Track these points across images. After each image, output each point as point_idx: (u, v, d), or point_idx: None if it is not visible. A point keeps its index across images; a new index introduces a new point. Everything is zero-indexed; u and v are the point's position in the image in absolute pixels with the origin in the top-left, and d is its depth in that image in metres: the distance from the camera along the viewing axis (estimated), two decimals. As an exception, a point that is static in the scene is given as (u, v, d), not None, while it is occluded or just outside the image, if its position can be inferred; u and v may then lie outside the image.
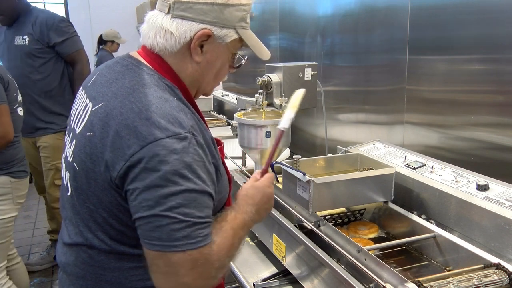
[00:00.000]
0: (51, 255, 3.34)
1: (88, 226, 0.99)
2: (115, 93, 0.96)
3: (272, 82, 1.82)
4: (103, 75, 1.04)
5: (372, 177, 1.43)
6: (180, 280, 0.88)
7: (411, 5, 1.73)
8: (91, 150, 0.94)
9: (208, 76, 1.06)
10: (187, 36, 0.99)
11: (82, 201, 0.99)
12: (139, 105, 0.91)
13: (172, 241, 0.86)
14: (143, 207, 0.87)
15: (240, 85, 3.76)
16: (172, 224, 0.86)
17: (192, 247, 0.87)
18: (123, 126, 0.90)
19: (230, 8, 1.01)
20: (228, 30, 1.02)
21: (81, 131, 0.99)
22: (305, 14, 2.55)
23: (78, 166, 0.98)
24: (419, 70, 1.74)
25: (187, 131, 0.90)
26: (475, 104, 1.53)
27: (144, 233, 0.89)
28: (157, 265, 0.89)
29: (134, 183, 0.88)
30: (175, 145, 0.88)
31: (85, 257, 1.02)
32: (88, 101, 1.02)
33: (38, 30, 2.84)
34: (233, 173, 1.84)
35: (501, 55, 1.41)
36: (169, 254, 0.86)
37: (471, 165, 1.48)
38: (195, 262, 0.88)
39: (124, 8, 5.72)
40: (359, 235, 1.42)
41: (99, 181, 0.94)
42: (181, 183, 0.87)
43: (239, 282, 1.47)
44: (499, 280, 1.01)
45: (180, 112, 0.93)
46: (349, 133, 2.24)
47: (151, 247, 0.88)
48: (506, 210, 1.16)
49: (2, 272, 2.25)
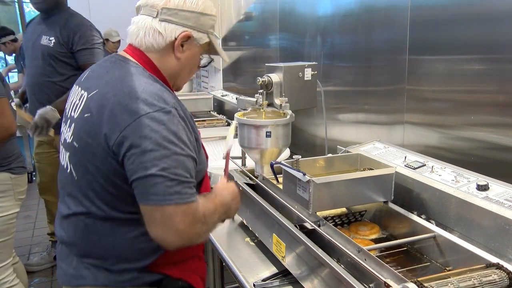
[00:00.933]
0: (51, 255, 3.34)
1: (87, 195, 1.16)
2: (107, 81, 1.15)
3: (273, 82, 1.82)
4: (94, 71, 1.26)
5: (372, 177, 1.42)
6: (175, 227, 1.05)
7: (411, 5, 1.73)
8: (89, 128, 1.12)
9: (184, 71, 1.27)
10: (172, 36, 1.20)
11: (81, 174, 1.16)
12: (129, 88, 1.10)
13: (166, 195, 1.03)
14: (140, 168, 1.04)
15: (240, 85, 3.76)
16: (165, 182, 1.04)
17: (182, 201, 1.05)
18: (117, 105, 1.08)
19: (205, 17, 1.23)
20: (203, 34, 1.24)
21: (79, 115, 1.17)
22: (305, 14, 2.55)
23: (77, 144, 1.15)
24: (419, 70, 1.74)
25: (171, 106, 1.10)
26: (475, 104, 1.53)
27: (142, 191, 1.05)
28: (154, 217, 1.06)
29: (130, 150, 1.05)
30: (162, 117, 1.07)
31: (82, 226, 1.19)
32: (83, 91, 1.20)
33: (66, 34, 2.82)
34: (233, 173, 1.84)
35: (501, 55, 1.41)
36: (164, 207, 1.04)
37: (471, 165, 1.48)
38: (185, 213, 1.06)
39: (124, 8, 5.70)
40: (360, 236, 1.42)
41: (97, 153, 1.10)
42: (170, 147, 1.05)
43: (239, 282, 1.47)
44: (499, 280, 1.01)
45: (164, 92, 1.13)
46: (349, 133, 2.24)
47: (149, 201, 1.05)
48: (506, 210, 1.16)
49: (9, 269, 2.26)
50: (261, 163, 1.80)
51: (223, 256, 1.60)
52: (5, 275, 2.23)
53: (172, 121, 1.08)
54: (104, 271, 1.19)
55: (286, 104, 1.81)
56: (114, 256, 1.19)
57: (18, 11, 8.13)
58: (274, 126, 1.73)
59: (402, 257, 1.31)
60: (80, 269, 1.21)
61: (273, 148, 1.76)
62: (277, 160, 1.76)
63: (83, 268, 1.21)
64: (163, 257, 1.19)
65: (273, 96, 1.83)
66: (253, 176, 1.78)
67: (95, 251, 1.20)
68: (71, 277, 1.23)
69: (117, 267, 1.18)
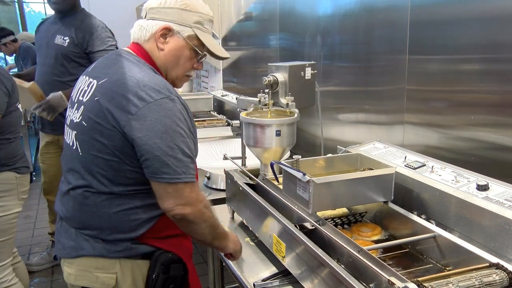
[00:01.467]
0: (51, 255, 3.34)
1: (90, 170, 1.30)
2: (115, 71, 1.30)
3: (278, 82, 1.83)
4: (101, 62, 1.42)
5: (372, 177, 1.42)
6: (186, 196, 1.25)
7: (411, 5, 1.73)
8: (98, 109, 1.26)
9: (172, 62, 1.39)
10: (154, 29, 1.36)
11: (86, 150, 1.30)
12: (137, 77, 1.26)
13: (177, 174, 1.23)
14: (153, 148, 1.20)
15: (240, 85, 3.76)
16: (175, 162, 1.22)
17: (188, 180, 1.25)
18: (127, 91, 1.23)
19: (187, 12, 1.37)
20: (184, 27, 1.37)
21: (89, 98, 1.30)
22: (305, 14, 2.55)
23: (86, 123, 1.29)
24: (419, 70, 1.74)
25: (174, 95, 1.27)
26: (475, 104, 1.53)
27: (154, 170, 1.23)
28: (167, 192, 1.24)
29: (141, 133, 1.20)
30: (168, 104, 1.24)
31: (81, 199, 1.33)
32: (91, 79, 1.35)
33: (81, 35, 2.84)
34: (233, 173, 1.84)
35: (501, 55, 1.41)
36: (177, 184, 1.23)
37: (471, 165, 1.48)
38: (192, 188, 1.27)
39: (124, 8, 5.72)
40: (362, 238, 1.42)
41: (104, 132, 1.25)
42: (177, 130, 1.23)
43: (239, 282, 1.47)
44: (499, 280, 1.01)
45: (166, 83, 1.30)
46: (349, 133, 2.24)
47: (161, 179, 1.23)
48: (506, 210, 1.16)
49: (8, 269, 2.26)
50: (269, 162, 1.81)
51: (223, 256, 1.60)
52: (3, 274, 2.23)
53: (177, 107, 1.25)
54: (101, 242, 1.32)
55: (293, 103, 1.83)
56: (109, 227, 1.32)
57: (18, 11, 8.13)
58: (284, 125, 1.75)
59: (402, 257, 1.31)
60: (79, 241, 1.34)
61: (282, 147, 1.79)
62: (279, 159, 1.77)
63: (82, 239, 1.34)
64: (153, 230, 1.34)
65: (279, 96, 1.85)
66: (253, 176, 1.78)
67: (92, 223, 1.33)
68: (71, 248, 1.35)
69: (111, 237, 1.32)
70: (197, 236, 1.36)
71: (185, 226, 1.32)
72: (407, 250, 1.34)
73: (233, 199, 1.83)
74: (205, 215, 1.32)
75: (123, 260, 1.33)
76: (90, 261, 1.34)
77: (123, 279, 1.34)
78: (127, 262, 1.34)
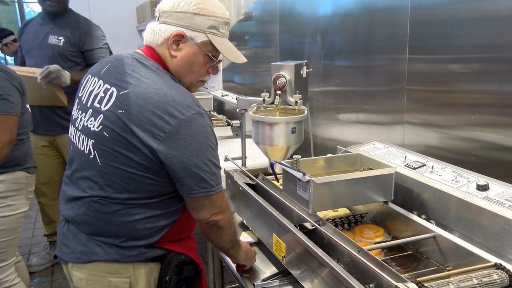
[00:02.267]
0: (51, 255, 3.34)
1: (111, 181, 1.26)
2: (137, 82, 1.24)
3: (287, 81, 1.86)
4: (116, 66, 1.31)
5: (372, 177, 1.42)
6: (220, 204, 1.31)
7: (411, 5, 1.73)
8: (123, 124, 1.21)
9: (184, 69, 1.34)
10: (166, 35, 1.31)
11: (108, 161, 1.25)
12: (164, 91, 1.22)
13: (212, 187, 1.26)
14: (190, 166, 1.21)
15: (240, 85, 3.76)
16: (210, 176, 1.25)
17: (221, 189, 1.30)
18: (156, 108, 1.19)
19: (200, 17, 1.30)
20: (198, 33, 1.31)
21: (110, 109, 1.24)
22: (305, 14, 2.55)
23: (108, 134, 1.24)
24: (419, 70, 1.74)
25: (201, 109, 1.25)
26: (475, 104, 1.53)
27: (192, 187, 1.25)
28: (204, 204, 1.28)
29: (177, 150, 1.19)
30: (199, 120, 1.22)
31: (97, 206, 1.29)
32: (108, 86, 1.28)
33: (77, 34, 2.90)
34: (233, 173, 1.84)
35: (501, 55, 1.41)
36: (211, 196, 1.27)
37: (471, 165, 1.48)
38: (223, 196, 1.32)
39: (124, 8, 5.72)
40: (365, 239, 1.41)
41: (130, 146, 1.21)
42: (209, 145, 1.24)
43: (239, 282, 1.47)
44: (499, 280, 1.01)
45: (193, 97, 1.27)
46: (349, 133, 2.24)
47: (199, 194, 1.26)
48: (506, 210, 1.16)
49: (10, 268, 2.26)
50: (281, 159, 1.85)
51: (223, 256, 1.60)
52: (6, 274, 2.23)
53: (206, 122, 1.25)
54: (115, 247, 1.30)
55: (301, 101, 1.86)
56: (125, 235, 1.30)
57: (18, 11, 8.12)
58: (297, 123, 1.82)
59: (402, 257, 1.31)
60: (91, 246, 1.31)
61: (296, 144, 1.87)
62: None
63: (94, 244, 1.31)
64: (167, 235, 1.33)
65: (287, 94, 1.87)
66: (253, 176, 1.79)
67: (107, 230, 1.30)
68: (82, 253, 1.32)
69: (127, 244, 1.30)
70: (220, 243, 1.39)
71: (214, 233, 1.34)
72: (407, 250, 1.34)
73: (233, 199, 1.83)
74: (231, 221, 1.37)
75: (136, 264, 1.32)
76: (102, 266, 1.31)
77: (136, 283, 1.32)
78: (140, 266, 1.33)
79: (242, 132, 2.11)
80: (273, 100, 1.89)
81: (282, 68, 1.88)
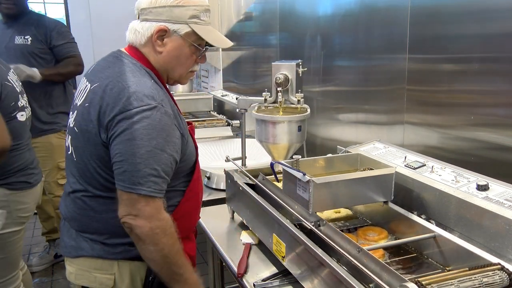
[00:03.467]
0: (51, 254, 3.35)
1: (84, 175, 1.31)
2: (107, 76, 1.27)
3: (289, 80, 1.88)
4: (99, 65, 1.37)
5: (372, 177, 1.42)
6: (140, 208, 1.21)
7: (411, 4, 1.73)
8: (87, 116, 1.25)
9: (172, 63, 1.35)
10: (149, 33, 1.31)
11: (79, 155, 1.30)
12: (124, 84, 1.22)
13: (132, 184, 1.18)
14: (116, 155, 1.19)
15: (240, 85, 3.76)
16: (133, 172, 1.18)
17: (145, 192, 1.18)
18: (111, 98, 1.21)
19: (179, 8, 1.30)
20: (180, 25, 1.31)
21: (81, 103, 1.30)
22: (305, 14, 2.55)
23: (77, 129, 1.29)
24: (419, 70, 1.74)
25: (157, 103, 1.21)
26: (475, 104, 1.53)
27: (115, 174, 1.21)
28: (121, 199, 1.21)
29: (115, 138, 1.19)
30: (147, 112, 1.18)
31: (81, 203, 1.34)
32: (87, 83, 1.33)
33: (42, 32, 2.91)
34: (233, 173, 1.84)
35: (502, 54, 1.41)
36: (130, 193, 1.19)
37: (471, 165, 1.48)
38: (150, 203, 1.20)
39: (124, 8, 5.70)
40: (369, 242, 1.39)
41: (90, 139, 1.25)
42: (149, 141, 1.18)
43: (239, 282, 1.47)
44: (499, 280, 1.01)
45: (154, 90, 1.24)
46: (349, 133, 2.24)
47: (118, 186, 1.20)
48: (506, 210, 1.16)
49: (10, 285, 2.10)
50: (286, 158, 1.89)
51: (223, 256, 1.60)
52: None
53: (155, 116, 1.19)
54: (100, 244, 1.33)
55: (302, 99, 1.89)
56: (107, 232, 1.32)
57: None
58: (302, 121, 1.85)
59: (402, 257, 1.31)
60: (79, 241, 1.36)
61: (300, 142, 1.89)
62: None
63: (82, 240, 1.36)
64: None
65: (289, 93, 1.89)
66: (253, 176, 1.78)
67: (91, 226, 1.34)
68: (72, 248, 1.38)
69: (110, 241, 1.33)
70: (146, 259, 1.26)
71: (136, 242, 1.24)
72: (407, 250, 1.34)
73: (233, 199, 1.83)
74: (157, 237, 1.20)
75: (121, 262, 1.34)
76: (89, 261, 1.35)
77: (121, 280, 1.34)
78: (125, 264, 1.34)
79: (242, 132, 2.11)
80: (274, 99, 1.90)
81: (283, 67, 1.89)
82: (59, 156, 2.97)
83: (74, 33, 3.24)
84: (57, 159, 2.98)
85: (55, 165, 3.00)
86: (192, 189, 1.42)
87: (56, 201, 3.07)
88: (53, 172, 3.02)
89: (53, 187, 3.05)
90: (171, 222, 1.25)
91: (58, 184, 3.03)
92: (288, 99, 1.90)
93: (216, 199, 2.11)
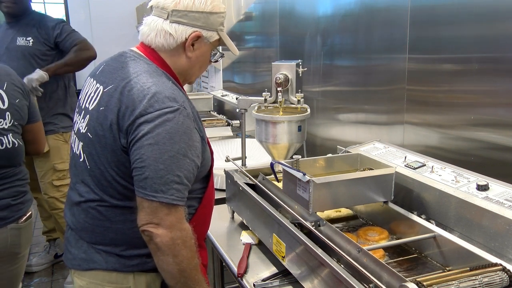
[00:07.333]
0: (51, 254, 3.35)
1: (100, 184, 1.23)
2: (122, 77, 1.20)
3: (289, 79, 1.88)
4: (109, 65, 1.29)
5: (372, 177, 1.42)
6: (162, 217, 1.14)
7: (411, 5, 1.73)
8: (103, 121, 1.18)
9: (195, 68, 1.33)
10: (183, 37, 1.25)
11: (94, 163, 1.22)
12: (143, 85, 1.16)
13: (153, 191, 1.12)
14: (137, 160, 1.12)
15: (240, 85, 3.76)
16: (155, 179, 1.12)
17: (166, 200, 1.12)
18: (131, 100, 1.14)
19: (214, 16, 1.27)
20: (212, 33, 1.29)
21: (95, 107, 1.22)
22: (305, 14, 2.55)
23: (91, 135, 1.21)
24: (419, 70, 1.74)
25: (179, 105, 1.16)
26: (475, 104, 1.53)
27: (136, 181, 1.15)
28: (142, 206, 1.14)
29: (136, 143, 1.12)
30: (169, 115, 1.13)
31: (95, 213, 1.25)
32: (98, 85, 1.25)
33: (44, 32, 2.90)
34: (233, 173, 1.84)
35: (501, 54, 1.41)
36: (151, 201, 1.12)
37: (471, 165, 1.48)
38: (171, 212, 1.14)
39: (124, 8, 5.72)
40: (369, 242, 1.39)
41: (108, 145, 1.18)
42: (172, 146, 1.12)
43: (239, 282, 1.47)
44: (499, 280, 1.01)
45: (175, 91, 1.19)
46: (349, 133, 2.24)
47: (138, 193, 1.13)
48: (506, 210, 1.16)
49: None
50: (286, 158, 1.90)
51: (223, 256, 1.60)
52: None
53: (178, 118, 1.14)
54: (115, 256, 1.26)
55: (302, 99, 1.89)
56: (124, 243, 1.25)
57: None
58: (302, 121, 1.86)
59: (402, 257, 1.31)
60: (91, 254, 1.28)
61: (299, 142, 1.90)
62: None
63: (94, 252, 1.27)
64: None
65: (289, 93, 1.90)
66: (253, 176, 1.78)
67: (107, 237, 1.26)
68: (82, 260, 1.29)
69: (127, 253, 1.26)
70: (162, 271, 1.19)
71: (153, 253, 1.17)
72: (407, 250, 1.34)
73: (233, 199, 1.83)
74: (178, 248, 1.15)
75: (137, 274, 1.27)
76: (102, 274, 1.27)
77: None
78: (141, 276, 1.28)
79: (242, 132, 2.11)
80: (275, 99, 1.90)
81: (283, 67, 1.89)
82: (55, 157, 2.96)
83: (74, 33, 3.24)
84: (54, 160, 2.98)
85: (51, 166, 2.99)
86: (209, 195, 1.38)
87: (50, 201, 3.07)
88: (49, 173, 3.02)
89: (48, 188, 3.05)
90: (191, 233, 1.19)
91: (53, 186, 3.03)
92: (288, 99, 1.91)
93: (216, 199, 2.09)
